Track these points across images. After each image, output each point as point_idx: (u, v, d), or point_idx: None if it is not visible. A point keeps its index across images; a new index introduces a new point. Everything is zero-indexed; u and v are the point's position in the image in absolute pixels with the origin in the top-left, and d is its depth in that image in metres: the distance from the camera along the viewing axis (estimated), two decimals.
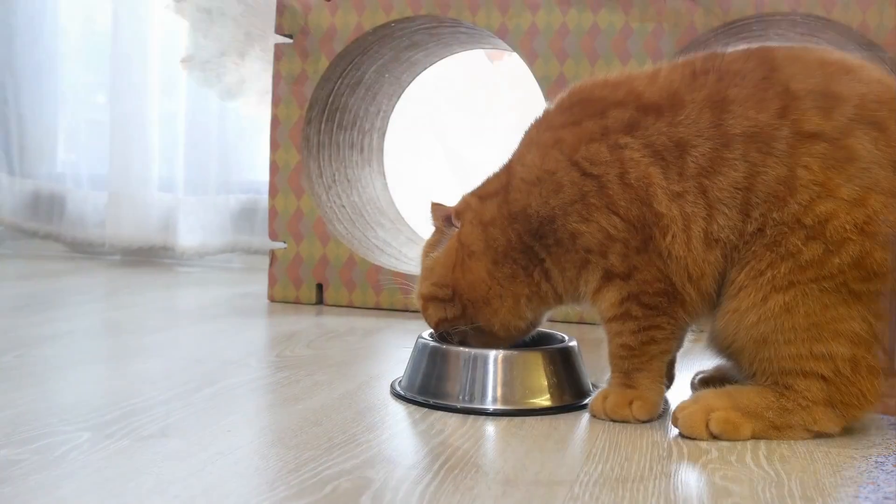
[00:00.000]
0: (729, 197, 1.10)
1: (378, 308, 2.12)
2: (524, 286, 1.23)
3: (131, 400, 1.21)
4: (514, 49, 2.02)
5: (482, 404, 1.23)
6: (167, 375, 1.38)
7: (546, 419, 1.19)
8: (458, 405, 1.23)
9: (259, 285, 2.47)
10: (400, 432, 1.13)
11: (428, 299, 1.27)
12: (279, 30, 2.18)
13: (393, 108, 2.52)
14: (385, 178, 2.54)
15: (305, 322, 1.92)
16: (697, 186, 1.11)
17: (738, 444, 1.08)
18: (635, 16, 1.93)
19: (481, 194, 1.28)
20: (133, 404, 1.19)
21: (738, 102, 1.11)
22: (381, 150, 2.53)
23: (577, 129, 1.19)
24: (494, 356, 1.25)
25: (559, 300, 1.26)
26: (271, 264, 2.20)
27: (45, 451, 0.98)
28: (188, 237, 2.92)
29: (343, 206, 2.27)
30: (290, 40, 2.18)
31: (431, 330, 1.35)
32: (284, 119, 2.18)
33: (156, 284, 2.53)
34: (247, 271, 2.91)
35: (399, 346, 1.69)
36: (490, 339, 1.26)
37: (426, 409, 1.22)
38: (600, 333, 1.40)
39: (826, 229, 1.06)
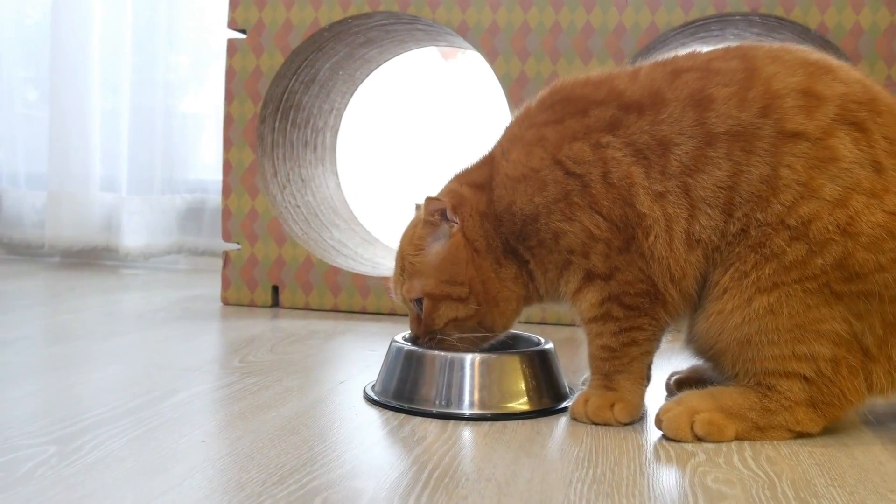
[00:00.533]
0: (712, 196, 1.10)
1: (336, 310, 2.08)
2: (522, 288, 1.22)
3: (95, 410, 1.16)
4: (475, 47, 2.00)
5: (459, 409, 1.20)
6: (129, 384, 1.32)
7: (527, 423, 1.17)
8: (435, 410, 1.20)
9: (209, 287, 2.41)
10: (381, 440, 1.10)
11: (439, 298, 1.21)
12: (232, 24, 2.13)
13: (346, 105, 2.49)
14: (338, 178, 2.50)
15: (263, 325, 1.87)
16: (680, 186, 1.10)
17: (724, 446, 1.07)
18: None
19: (471, 184, 1.25)
20: (98, 415, 1.13)
21: (721, 101, 1.10)
22: (333, 148, 2.49)
23: (560, 127, 1.17)
24: (471, 359, 1.22)
25: (541, 300, 1.24)
26: (225, 266, 2.14)
27: (9, 467, 0.93)
28: (132, 238, 2.84)
29: (298, 207, 2.23)
30: (244, 35, 2.13)
31: (406, 333, 1.32)
32: (238, 117, 2.12)
33: (101, 287, 2.45)
34: (193, 273, 2.84)
35: (366, 349, 1.66)
36: (479, 342, 1.24)
37: (403, 415, 1.19)
38: (564, 334, 1.40)
39: (809, 230, 1.05)
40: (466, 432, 1.12)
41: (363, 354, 1.60)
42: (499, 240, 1.21)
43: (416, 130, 2.91)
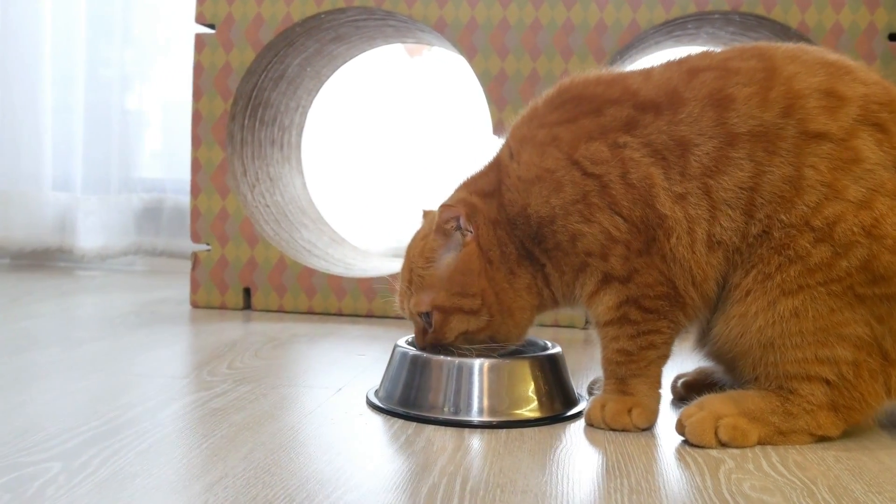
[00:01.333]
0: (733, 197, 1.08)
1: (311, 313, 2.03)
2: (536, 296, 1.19)
3: (91, 423, 1.09)
4: (453, 43, 1.96)
5: (468, 416, 1.17)
6: (118, 393, 1.26)
7: (543, 430, 1.14)
8: (442, 417, 1.17)
9: (174, 290, 2.34)
10: (400, 450, 1.05)
11: (450, 311, 1.18)
12: (200, 19, 2.06)
13: (311, 103, 2.43)
14: (304, 177, 2.44)
15: (239, 329, 1.81)
16: (701, 187, 1.08)
17: (748, 451, 1.06)
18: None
19: (479, 192, 1.21)
20: (95, 428, 1.07)
21: (742, 100, 1.09)
22: (299, 147, 2.43)
23: (574, 126, 1.14)
24: (480, 365, 1.19)
25: (556, 304, 1.22)
26: (194, 268, 2.07)
27: (15, 488, 0.87)
28: (88, 239, 2.74)
29: (268, 206, 2.17)
30: (212, 30, 2.06)
31: (409, 337, 1.28)
32: (207, 114, 2.05)
33: (59, 290, 2.36)
34: (152, 275, 2.76)
35: (354, 353, 1.61)
36: (487, 351, 1.20)
37: (413, 423, 1.15)
38: (548, 335, 1.37)
39: (834, 232, 1.04)
40: (486, 441, 1.08)
41: (353, 359, 1.55)
42: (513, 246, 1.18)
43: (381, 128, 2.86)
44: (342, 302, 2.02)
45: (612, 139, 1.12)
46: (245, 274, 2.05)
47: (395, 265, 2.21)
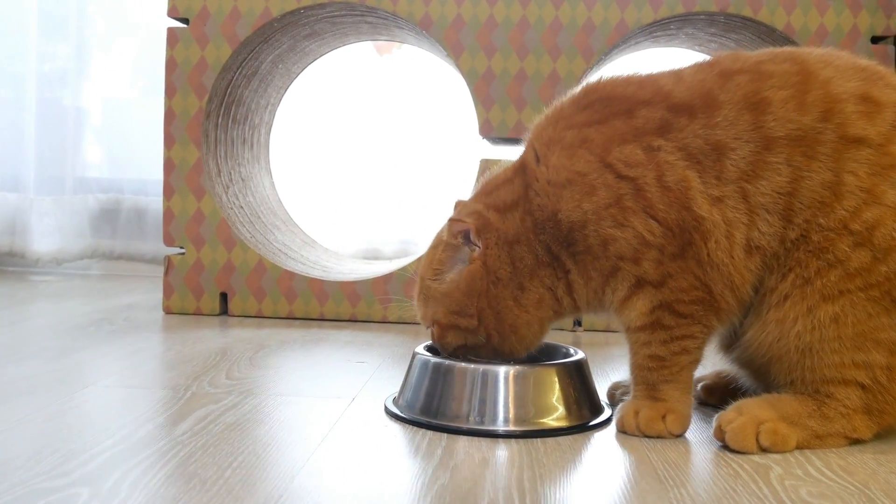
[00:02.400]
0: (771, 202, 1.06)
1: (291, 318, 1.97)
2: (549, 309, 1.17)
3: (104, 442, 1.03)
4: (439, 41, 1.92)
5: (494, 426, 1.13)
6: (123, 409, 1.19)
7: (578, 439, 1.11)
8: (467, 427, 1.13)
9: (138, 294, 2.26)
10: (440, 465, 1.01)
11: (447, 328, 1.17)
12: (172, 12, 1.98)
13: (280, 101, 2.37)
14: (272, 177, 2.37)
15: (222, 336, 1.75)
16: (738, 191, 1.07)
17: (790, 456, 1.04)
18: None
19: (497, 206, 1.17)
20: (111, 447, 1.01)
21: (779, 104, 1.07)
22: (267, 146, 2.37)
23: (605, 127, 1.11)
24: (505, 373, 1.16)
25: (576, 311, 1.19)
26: (167, 272, 2.00)
27: None
28: (43, 242, 2.63)
29: (241, 208, 2.10)
30: (185, 25, 1.98)
31: (428, 342, 1.25)
32: (181, 112, 1.98)
33: (15, 298, 2.25)
34: (109, 279, 2.66)
35: (351, 360, 1.56)
36: (500, 356, 1.18)
37: (441, 434, 1.11)
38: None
39: (873, 236, 1.04)
40: (526, 452, 1.05)
41: (353, 366, 1.50)
42: (531, 256, 1.15)
43: (348, 127, 2.80)
44: (324, 306, 1.96)
45: (646, 142, 1.09)
46: (221, 278, 1.98)
47: (373, 268, 2.17)
